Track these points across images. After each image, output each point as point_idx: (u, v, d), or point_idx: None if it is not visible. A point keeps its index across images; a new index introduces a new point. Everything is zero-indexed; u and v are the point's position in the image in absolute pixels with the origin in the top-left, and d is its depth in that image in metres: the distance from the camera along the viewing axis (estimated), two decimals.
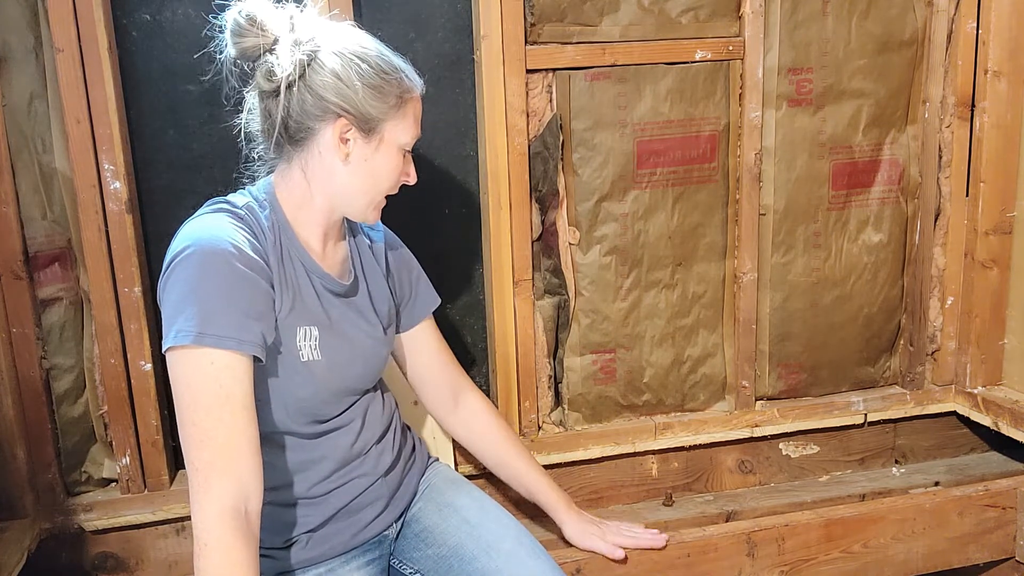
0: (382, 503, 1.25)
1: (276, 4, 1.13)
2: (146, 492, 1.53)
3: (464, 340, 1.72)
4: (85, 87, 1.38)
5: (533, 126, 1.59)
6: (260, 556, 1.16)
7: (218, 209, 1.13)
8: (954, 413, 1.90)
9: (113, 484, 1.56)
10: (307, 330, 1.15)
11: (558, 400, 1.74)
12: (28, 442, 1.46)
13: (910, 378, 1.87)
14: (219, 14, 1.14)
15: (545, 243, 1.66)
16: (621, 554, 1.40)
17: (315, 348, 1.15)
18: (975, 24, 1.71)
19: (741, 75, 1.65)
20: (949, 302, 1.84)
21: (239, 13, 1.11)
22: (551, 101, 1.60)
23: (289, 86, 1.10)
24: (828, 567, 1.57)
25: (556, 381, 1.73)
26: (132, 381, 1.48)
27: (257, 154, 1.21)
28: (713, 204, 1.71)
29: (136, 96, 1.47)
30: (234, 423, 1.01)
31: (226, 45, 1.13)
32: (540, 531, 1.62)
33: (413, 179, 1.22)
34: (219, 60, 1.15)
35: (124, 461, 1.51)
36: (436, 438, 1.60)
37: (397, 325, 1.36)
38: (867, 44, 1.70)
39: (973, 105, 1.75)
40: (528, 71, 1.55)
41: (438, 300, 1.42)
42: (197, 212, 1.14)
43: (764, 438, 1.81)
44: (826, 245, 1.77)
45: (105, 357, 1.47)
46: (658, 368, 1.74)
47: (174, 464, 1.57)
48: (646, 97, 1.62)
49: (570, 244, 1.67)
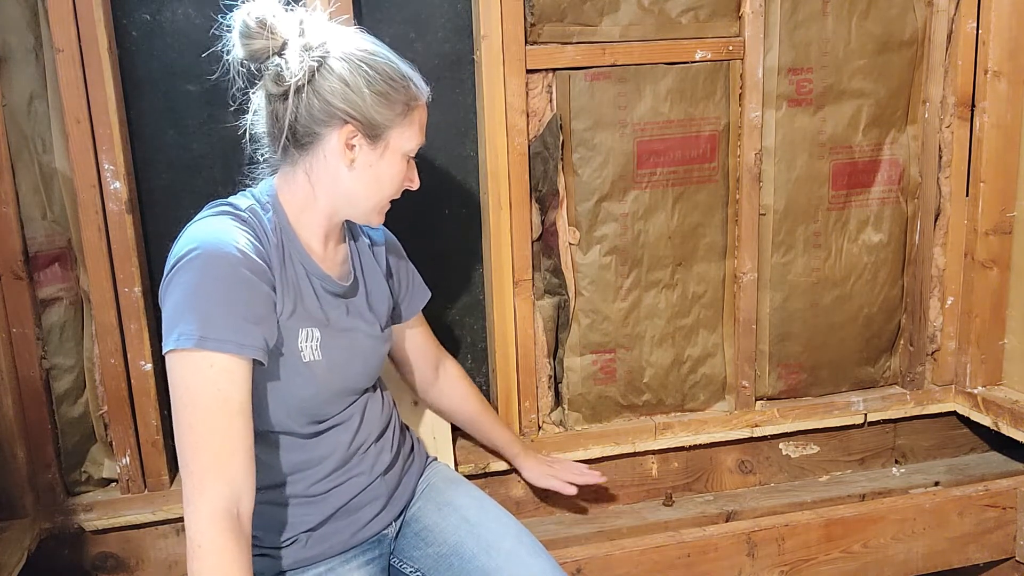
0: (381, 502, 1.25)
1: (286, 6, 1.12)
2: (146, 492, 1.53)
3: (464, 340, 1.72)
4: (85, 87, 1.38)
5: (533, 126, 1.59)
6: (260, 555, 1.17)
7: (221, 211, 1.12)
8: (954, 413, 1.90)
9: (113, 484, 1.56)
10: (308, 331, 1.15)
11: (558, 400, 1.74)
12: (28, 442, 1.46)
13: (910, 378, 1.87)
14: (226, 14, 1.12)
15: (545, 243, 1.66)
16: (573, 490, 1.56)
17: (316, 349, 1.15)
18: (975, 24, 1.71)
19: (741, 75, 1.65)
20: (949, 302, 1.84)
21: (248, 15, 1.09)
22: (551, 101, 1.60)
23: (297, 90, 1.09)
24: (828, 567, 1.57)
25: (556, 381, 1.73)
26: (132, 381, 1.48)
27: (262, 156, 1.21)
28: (713, 204, 1.71)
29: (136, 96, 1.47)
30: (230, 426, 1.01)
31: (233, 46, 1.12)
32: (540, 531, 1.63)
33: (416, 185, 1.22)
34: (226, 60, 1.13)
35: (124, 461, 1.51)
36: (436, 438, 1.60)
37: (396, 318, 1.38)
38: (867, 44, 1.70)
39: (973, 105, 1.75)
40: (528, 71, 1.55)
41: (429, 294, 1.45)
42: (200, 214, 1.14)
43: (764, 438, 1.81)
44: (826, 245, 1.77)
45: (105, 357, 1.47)
46: (658, 368, 1.74)
47: (174, 464, 1.56)
48: (646, 97, 1.62)
49: (570, 244, 1.67)
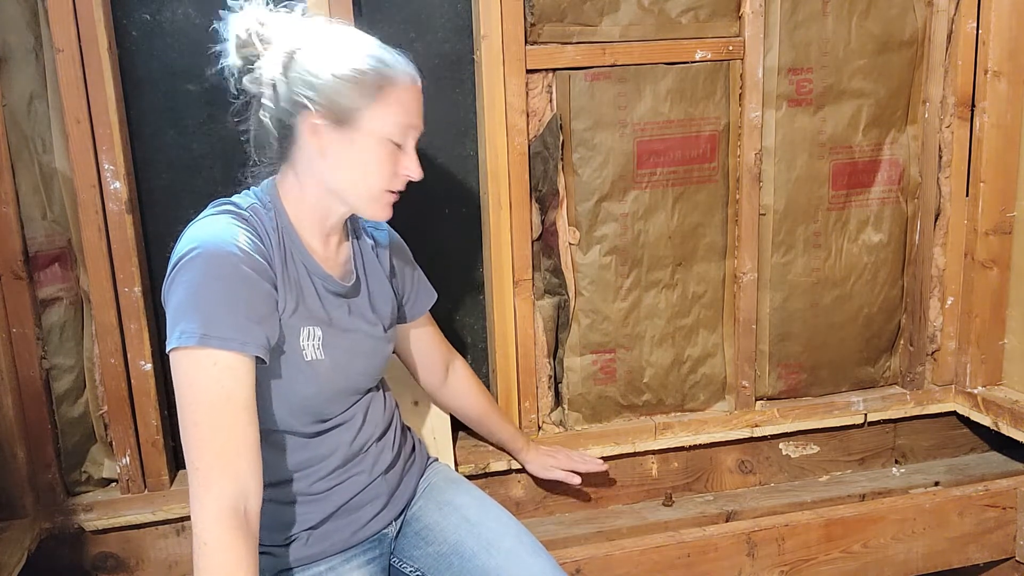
0: (381, 501, 1.25)
1: (283, 7, 1.14)
2: (146, 492, 1.53)
3: (464, 340, 1.72)
4: (85, 87, 1.38)
5: (533, 126, 1.59)
6: (260, 553, 1.16)
7: (223, 210, 1.13)
8: (954, 413, 1.90)
9: (113, 484, 1.56)
10: (310, 330, 1.15)
11: (558, 400, 1.74)
12: (28, 442, 1.46)
13: (910, 378, 1.87)
14: (226, 14, 1.14)
15: (545, 243, 1.66)
16: (577, 479, 1.60)
17: (318, 348, 1.16)
18: (975, 24, 1.71)
19: (741, 75, 1.65)
20: (949, 302, 1.84)
21: (241, 26, 1.12)
22: (551, 101, 1.60)
23: (274, 87, 1.11)
24: (828, 567, 1.57)
25: (556, 381, 1.73)
26: (132, 381, 1.49)
27: (267, 157, 1.22)
28: (713, 204, 1.71)
29: (136, 96, 1.47)
30: (235, 423, 1.01)
31: (229, 55, 1.14)
32: (540, 531, 1.63)
33: (415, 174, 1.15)
34: (224, 67, 1.15)
35: (124, 461, 1.51)
36: (436, 438, 1.60)
37: (400, 319, 1.38)
38: (867, 44, 1.70)
39: (973, 105, 1.75)
40: (528, 71, 1.55)
41: (435, 295, 1.44)
42: (202, 213, 1.14)
43: (764, 438, 1.81)
44: (826, 245, 1.77)
45: (105, 357, 1.47)
46: (658, 368, 1.74)
47: (174, 464, 1.57)
48: (646, 97, 1.62)
49: (570, 244, 1.67)
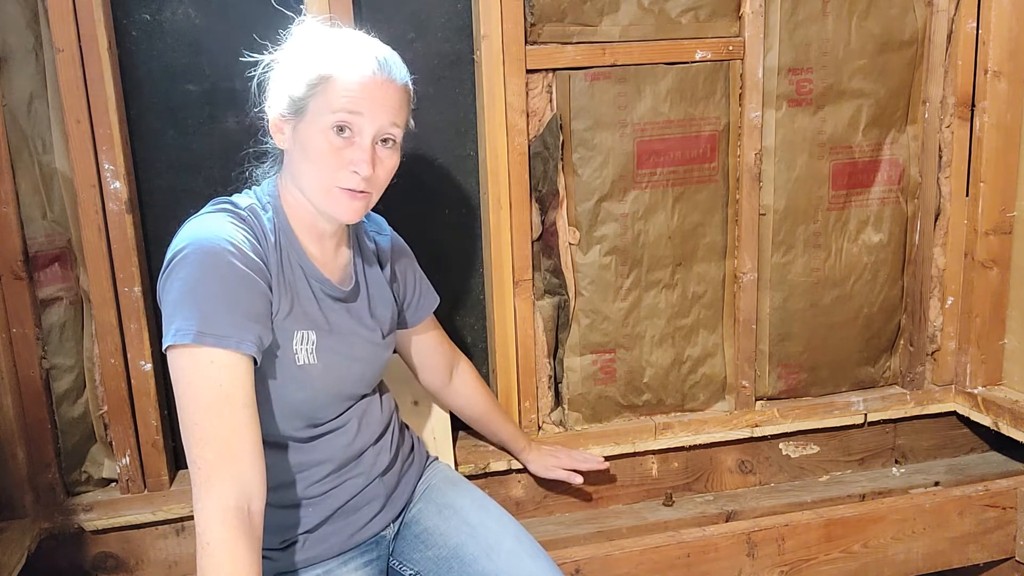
0: (379, 503, 1.25)
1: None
2: (146, 492, 1.52)
3: (464, 340, 1.71)
4: (85, 87, 1.38)
5: (533, 126, 1.59)
6: None
7: (220, 209, 1.13)
8: (954, 413, 1.90)
9: (113, 484, 1.56)
10: (304, 334, 1.15)
11: (558, 400, 1.74)
12: (28, 442, 1.46)
13: (910, 378, 1.87)
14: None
15: (545, 243, 1.66)
16: (579, 479, 1.61)
17: (311, 352, 1.15)
18: (975, 24, 1.71)
19: (741, 75, 1.65)
20: (949, 302, 1.84)
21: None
22: (551, 101, 1.60)
23: (258, 87, 1.17)
24: (828, 567, 1.57)
25: (556, 381, 1.73)
26: (132, 381, 1.48)
27: (267, 158, 1.24)
28: (713, 204, 1.71)
29: (136, 96, 1.47)
30: (235, 422, 1.01)
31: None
32: (540, 531, 1.63)
33: (361, 169, 1.09)
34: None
35: (124, 461, 1.51)
36: (436, 438, 1.60)
37: (402, 323, 1.38)
38: (867, 44, 1.70)
39: (973, 105, 1.75)
40: (528, 71, 1.55)
41: (438, 299, 1.44)
42: (200, 211, 1.14)
43: (764, 438, 1.81)
44: (826, 245, 1.77)
45: (105, 357, 1.47)
46: (658, 368, 1.74)
47: (174, 464, 1.57)
48: (646, 97, 1.62)
49: (570, 244, 1.66)
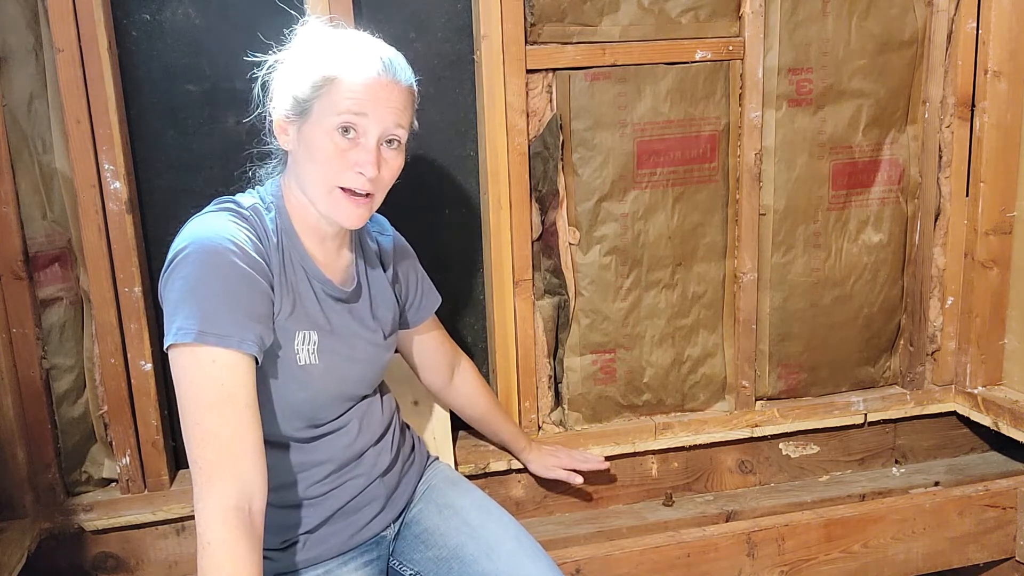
0: (380, 503, 1.25)
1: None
2: (146, 492, 1.52)
3: (464, 340, 1.71)
4: (85, 87, 1.38)
5: (533, 126, 1.59)
6: None
7: (223, 208, 1.13)
8: (954, 413, 1.90)
9: (113, 484, 1.55)
10: (306, 334, 1.15)
11: (558, 400, 1.74)
12: (28, 442, 1.46)
13: (910, 378, 1.87)
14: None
15: (545, 243, 1.66)
16: (579, 479, 1.61)
17: (313, 352, 1.15)
18: (975, 24, 1.71)
19: (741, 75, 1.65)
20: (949, 302, 1.84)
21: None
22: (551, 101, 1.60)
23: (263, 87, 1.17)
24: (828, 567, 1.57)
25: (556, 381, 1.73)
26: (132, 381, 1.48)
27: (271, 159, 1.24)
28: (713, 204, 1.71)
29: (136, 96, 1.47)
30: (237, 422, 1.01)
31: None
32: (540, 531, 1.63)
33: (367, 170, 1.09)
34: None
35: (124, 461, 1.51)
36: (436, 438, 1.60)
37: (404, 324, 1.38)
38: (867, 44, 1.70)
39: (973, 105, 1.75)
40: (528, 71, 1.55)
41: (439, 300, 1.44)
42: (203, 210, 1.14)
43: (764, 438, 1.81)
44: (826, 245, 1.77)
45: (105, 357, 1.47)
46: (658, 368, 1.74)
47: (174, 464, 1.56)
48: (646, 97, 1.62)
49: (570, 244, 1.66)
